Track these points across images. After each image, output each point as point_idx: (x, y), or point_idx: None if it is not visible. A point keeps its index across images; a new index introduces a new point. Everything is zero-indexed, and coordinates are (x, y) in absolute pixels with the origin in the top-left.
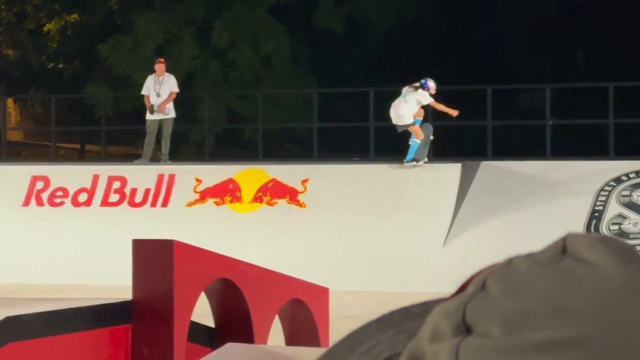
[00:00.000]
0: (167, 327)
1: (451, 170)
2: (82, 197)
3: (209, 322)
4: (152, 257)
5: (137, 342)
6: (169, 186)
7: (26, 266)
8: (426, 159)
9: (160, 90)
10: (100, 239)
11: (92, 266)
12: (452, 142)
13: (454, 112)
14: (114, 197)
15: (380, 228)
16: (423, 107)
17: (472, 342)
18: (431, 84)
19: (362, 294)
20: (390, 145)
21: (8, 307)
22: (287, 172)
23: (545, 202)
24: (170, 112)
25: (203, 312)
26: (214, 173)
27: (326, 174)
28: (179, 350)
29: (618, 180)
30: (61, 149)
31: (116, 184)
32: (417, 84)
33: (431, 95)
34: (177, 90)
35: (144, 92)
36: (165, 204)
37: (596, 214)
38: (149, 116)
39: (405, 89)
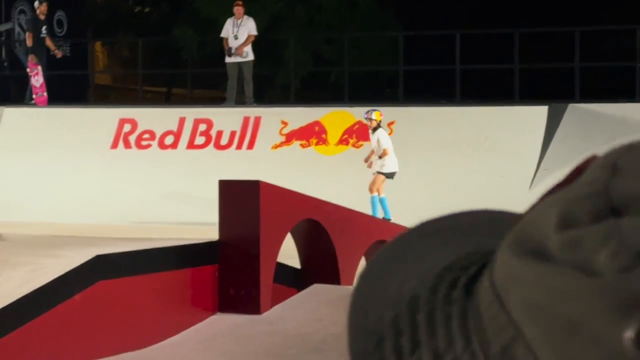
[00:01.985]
0: (253, 267)
1: (538, 113)
2: (169, 140)
3: (295, 263)
4: (239, 197)
5: (224, 282)
6: (255, 129)
7: (114, 208)
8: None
9: (238, 33)
10: (186, 181)
11: (178, 208)
12: (539, 84)
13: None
14: (199, 140)
15: (465, 171)
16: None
17: (635, 221)
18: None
19: None
20: (476, 88)
21: (98, 247)
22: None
23: None
24: (249, 55)
25: (289, 254)
26: (299, 115)
27: (412, 116)
28: (265, 290)
29: None
30: (148, 92)
31: (202, 127)
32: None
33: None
34: (255, 33)
35: (223, 34)
36: (250, 146)
37: None
38: (227, 59)
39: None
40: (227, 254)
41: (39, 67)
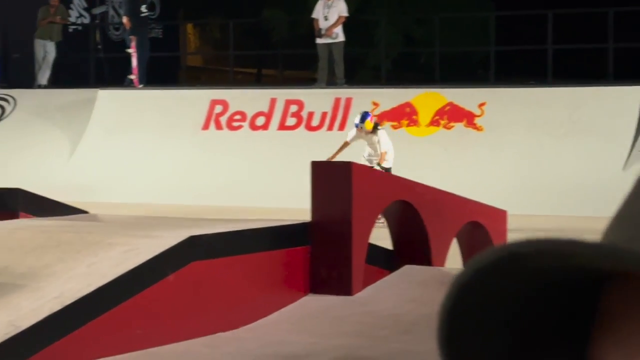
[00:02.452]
0: (345, 248)
1: (632, 93)
2: (260, 121)
3: (387, 244)
4: (331, 179)
5: (316, 263)
6: (346, 110)
7: (206, 189)
8: None
9: (328, 14)
10: (277, 162)
11: (270, 189)
12: (634, 64)
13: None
14: (291, 121)
15: (558, 151)
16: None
17: None
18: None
19: (539, 217)
20: (569, 69)
21: (191, 228)
22: (465, 96)
23: None
24: (339, 36)
25: (380, 235)
26: (390, 97)
27: (504, 97)
28: (357, 272)
29: None
30: (239, 73)
31: (293, 108)
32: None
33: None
34: (346, 14)
35: (314, 15)
36: (342, 127)
37: None
38: (318, 40)
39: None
40: (320, 235)
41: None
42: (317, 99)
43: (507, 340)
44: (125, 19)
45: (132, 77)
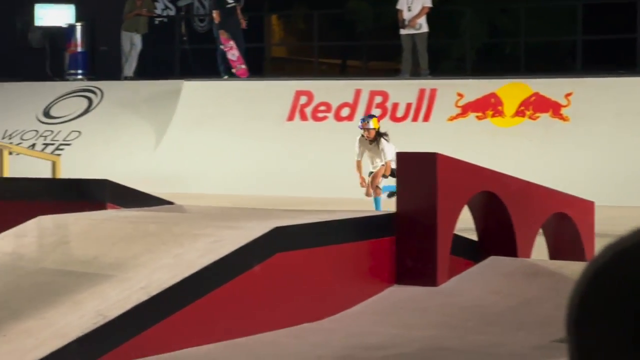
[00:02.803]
0: (430, 239)
1: None
2: (345, 112)
3: (472, 235)
4: (416, 170)
5: (401, 254)
6: (430, 101)
7: (290, 179)
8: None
9: (412, 4)
10: None
11: (354, 179)
12: None
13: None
14: (375, 112)
15: None
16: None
17: None
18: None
19: (628, 209)
20: None
21: (276, 219)
22: (551, 86)
23: None
24: (423, 27)
25: (465, 226)
26: (475, 87)
27: (591, 87)
28: (442, 262)
29: None
30: (323, 64)
31: (378, 99)
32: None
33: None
34: (429, 5)
35: (398, 6)
36: (426, 118)
37: None
38: (401, 31)
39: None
40: (405, 226)
41: (232, 42)
42: (401, 90)
43: (633, 330)
44: (215, 13)
45: (236, 69)
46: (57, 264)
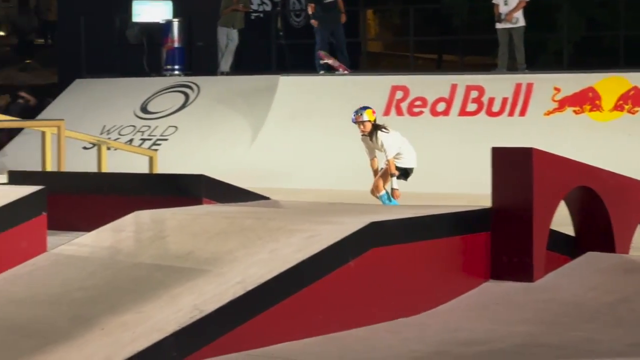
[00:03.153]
0: (526, 234)
1: None
2: (440, 107)
3: (569, 230)
4: (512, 165)
5: (496, 250)
6: (527, 95)
7: None
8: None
9: None
10: (457, 148)
11: (450, 174)
12: None
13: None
14: (471, 107)
15: None
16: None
17: None
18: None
19: None
20: None
21: (371, 214)
22: None
23: None
24: (519, 21)
25: (562, 221)
26: (572, 81)
27: None
28: (539, 258)
29: None
30: (419, 59)
31: (474, 94)
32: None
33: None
34: None
35: (494, 0)
36: (522, 113)
37: None
38: (498, 25)
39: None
40: (500, 221)
41: (332, 60)
42: (497, 85)
43: None
44: (310, 7)
45: (337, 64)
46: (154, 259)
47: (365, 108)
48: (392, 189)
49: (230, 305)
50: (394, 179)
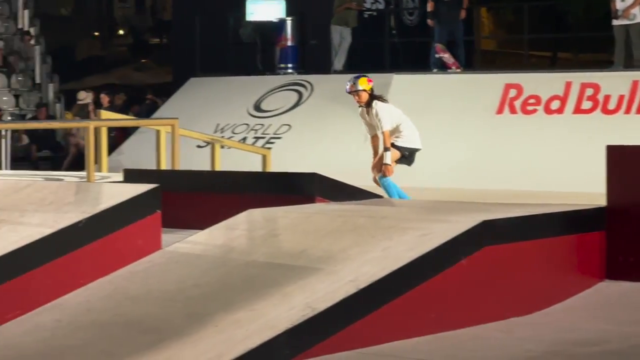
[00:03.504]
0: None
1: None
2: (555, 105)
3: None
4: (628, 163)
5: (612, 249)
6: None
7: (499, 173)
8: None
9: None
10: (572, 146)
11: (564, 173)
12: None
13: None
14: (586, 105)
15: None
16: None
17: None
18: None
19: None
20: None
21: (483, 212)
22: None
23: None
24: (637, 18)
25: None
26: None
27: None
28: None
29: None
30: (533, 56)
31: (589, 91)
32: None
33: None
34: None
35: None
36: (639, 111)
37: None
38: (614, 22)
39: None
40: (616, 220)
41: (447, 54)
42: (613, 82)
43: None
44: (429, 5)
45: (451, 60)
46: (267, 257)
47: (359, 76)
48: (384, 164)
49: (343, 303)
50: (387, 153)
